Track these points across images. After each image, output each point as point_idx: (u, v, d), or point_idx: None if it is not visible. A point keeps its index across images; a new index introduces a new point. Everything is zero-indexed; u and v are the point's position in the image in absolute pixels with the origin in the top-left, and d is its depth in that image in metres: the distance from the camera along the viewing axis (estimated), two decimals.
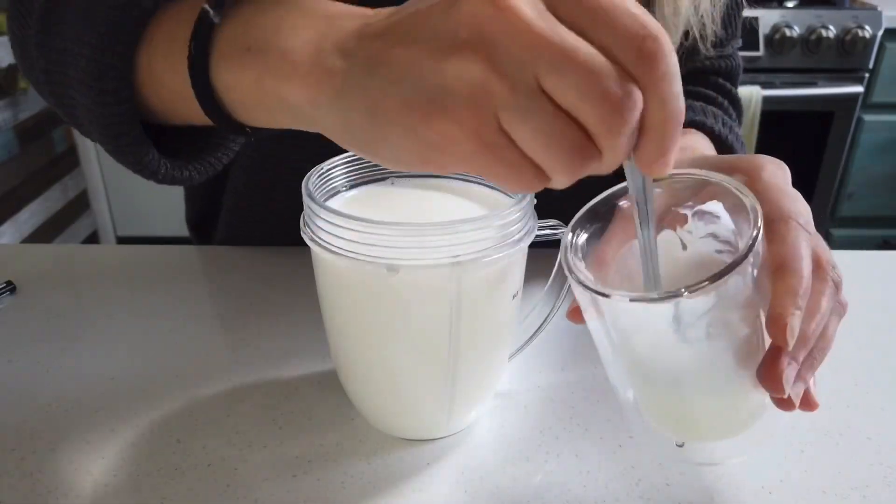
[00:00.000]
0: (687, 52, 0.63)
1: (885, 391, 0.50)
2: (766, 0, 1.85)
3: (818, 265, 0.36)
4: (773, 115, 1.80)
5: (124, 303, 0.59)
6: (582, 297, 0.35)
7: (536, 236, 0.40)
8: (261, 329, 0.56)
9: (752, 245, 0.32)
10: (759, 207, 0.33)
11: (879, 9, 1.78)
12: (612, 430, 0.45)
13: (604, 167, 0.29)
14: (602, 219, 0.38)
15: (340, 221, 0.36)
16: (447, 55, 0.27)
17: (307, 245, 0.39)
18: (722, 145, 0.61)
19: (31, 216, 2.06)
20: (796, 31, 1.77)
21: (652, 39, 0.26)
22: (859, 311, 0.59)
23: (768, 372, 0.34)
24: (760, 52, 1.78)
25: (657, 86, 0.27)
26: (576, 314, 0.39)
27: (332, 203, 0.43)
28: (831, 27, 1.77)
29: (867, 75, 1.85)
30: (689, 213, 0.37)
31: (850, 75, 1.84)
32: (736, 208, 0.35)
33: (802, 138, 1.92)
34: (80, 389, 0.49)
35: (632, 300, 0.32)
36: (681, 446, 0.39)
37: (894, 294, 0.62)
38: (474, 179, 0.45)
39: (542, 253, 0.47)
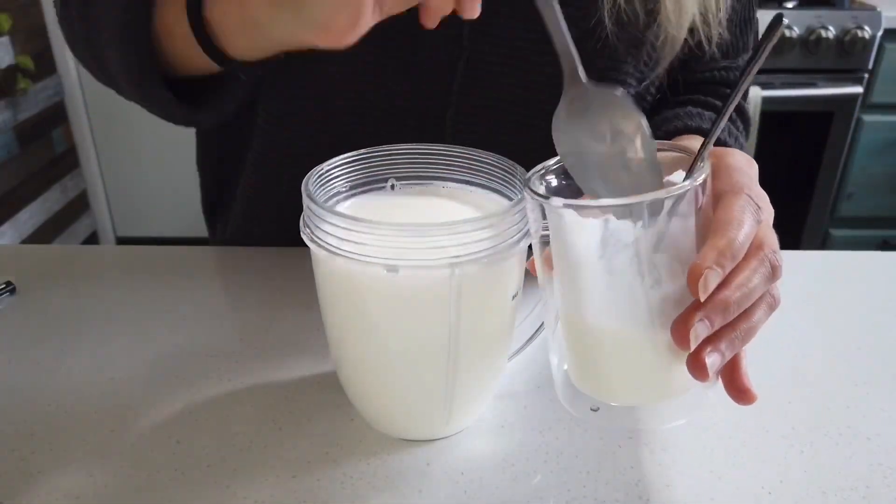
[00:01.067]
0: (694, 55, 0.63)
1: (885, 391, 0.50)
2: (765, 0, 1.85)
3: (758, 246, 0.37)
4: (773, 115, 1.80)
5: (124, 303, 0.59)
6: (535, 236, 0.38)
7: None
8: (261, 329, 0.56)
9: (688, 181, 0.34)
10: (709, 159, 0.36)
11: (879, 9, 1.78)
12: (612, 430, 0.45)
13: None
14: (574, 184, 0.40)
15: (340, 222, 0.36)
16: None
17: (307, 245, 0.39)
18: None
19: (31, 216, 2.06)
20: (796, 32, 1.77)
21: None
22: (859, 311, 0.59)
23: (678, 323, 0.34)
24: None
25: None
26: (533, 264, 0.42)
27: (331, 206, 0.43)
28: (831, 28, 1.77)
29: (867, 76, 1.85)
30: None
31: (850, 76, 1.84)
32: (696, 172, 0.36)
33: (802, 138, 1.92)
34: (80, 389, 0.49)
35: (565, 205, 0.34)
36: (595, 411, 0.40)
37: (894, 294, 0.62)
38: (474, 184, 0.45)
39: None
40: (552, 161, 0.39)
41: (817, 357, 0.53)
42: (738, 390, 0.38)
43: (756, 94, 1.76)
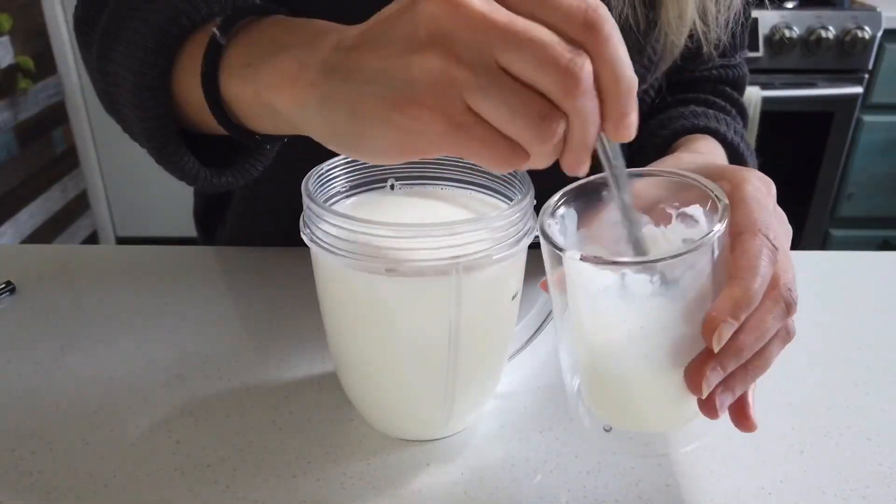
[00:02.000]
0: (692, 55, 0.63)
1: (885, 391, 0.50)
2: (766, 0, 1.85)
3: (773, 284, 0.36)
4: (773, 115, 1.80)
5: (124, 303, 0.59)
6: (547, 258, 0.37)
7: (536, 237, 0.40)
8: (261, 329, 0.56)
9: (707, 237, 0.33)
10: (727, 209, 0.35)
11: (879, 9, 1.78)
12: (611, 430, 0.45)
13: (575, 134, 0.31)
14: (588, 198, 0.39)
15: (340, 222, 0.36)
16: (411, 54, 0.30)
17: (307, 245, 0.39)
18: (734, 153, 0.61)
19: (31, 216, 2.06)
20: (796, 32, 1.77)
21: (593, 10, 0.29)
22: (859, 311, 0.59)
23: (691, 371, 0.35)
24: (760, 53, 1.78)
25: (602, 47, 0.30)
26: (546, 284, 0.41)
27: (331, 206, 0.43)
28: (831, 28, 1.77)
29: (867, 76, 1.85)
30: (673, 213, 0.38)
31: (850, 76, 1.84)
32: (714, 214, 0.36)
33: (802, 139, 1.92)
34: (80, 389, 0.49)
35: (581, 258, 0.34)
36: (608, 431, 0.40)
37: (894, 294, 0.62)
38: (473, 187, 0.45)
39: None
40: (556, 196, 0.38)
41: (817, 357, 0.53)
42: (740, 417, 0.38)
43: (756, 94, 1.76)
